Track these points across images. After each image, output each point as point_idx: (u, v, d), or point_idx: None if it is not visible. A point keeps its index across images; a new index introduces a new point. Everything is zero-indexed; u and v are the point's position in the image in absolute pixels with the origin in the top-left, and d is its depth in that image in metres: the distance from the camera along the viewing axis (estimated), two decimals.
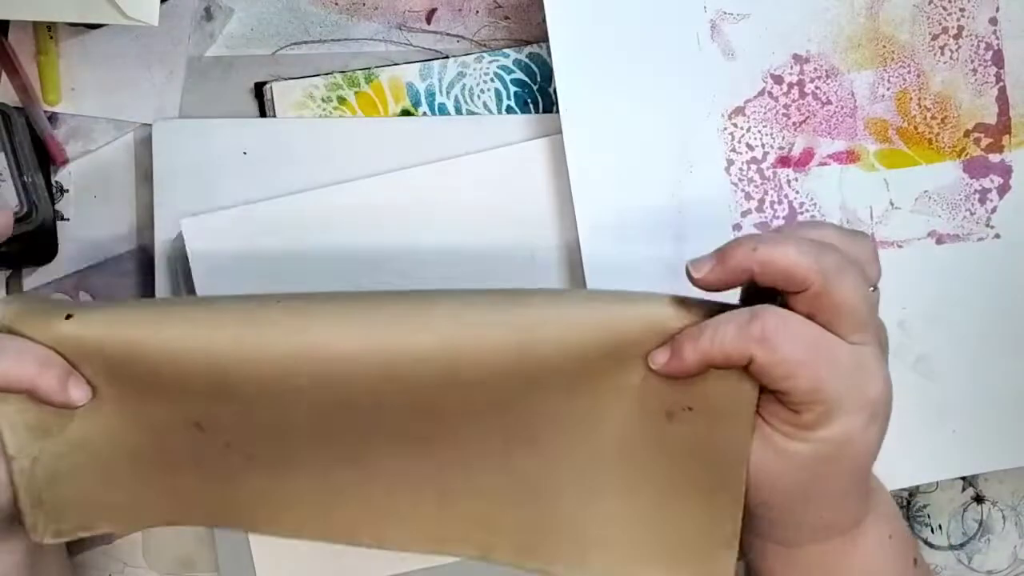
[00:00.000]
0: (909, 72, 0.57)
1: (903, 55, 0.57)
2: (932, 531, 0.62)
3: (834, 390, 0.40)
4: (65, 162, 0.60)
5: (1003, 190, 0.58)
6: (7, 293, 0.60)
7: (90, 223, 0.60)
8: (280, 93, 0.59)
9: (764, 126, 0.57)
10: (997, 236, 0.58)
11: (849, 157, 0.57)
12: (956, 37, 0.57)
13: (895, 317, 0.57)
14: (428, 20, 0.61)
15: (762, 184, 0.57)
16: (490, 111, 0.60)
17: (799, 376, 0.39)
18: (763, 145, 0.57)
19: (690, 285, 0.42)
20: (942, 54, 0.57)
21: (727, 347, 0.40)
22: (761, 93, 0.57)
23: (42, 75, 0.59)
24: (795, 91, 0.57)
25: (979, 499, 0.62)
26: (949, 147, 0.57)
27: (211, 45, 0.60)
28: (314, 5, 0.61)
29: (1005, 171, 0.58)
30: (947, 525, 0.62)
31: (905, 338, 0.57)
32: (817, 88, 0.57)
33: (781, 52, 0.57)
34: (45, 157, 0.59)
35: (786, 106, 0.57)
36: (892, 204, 0.57)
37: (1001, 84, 0.58)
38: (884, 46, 0.57)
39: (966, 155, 0.57)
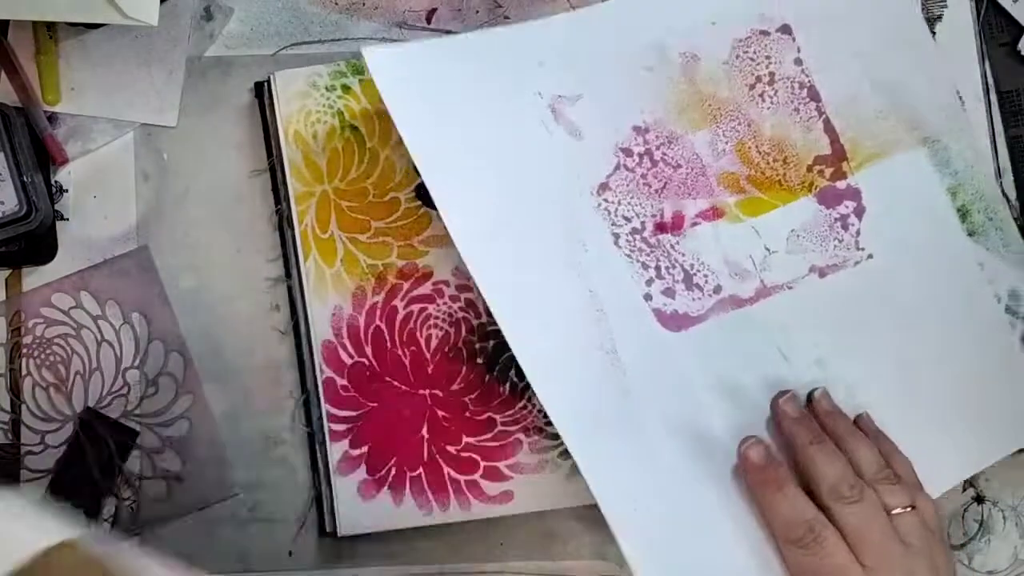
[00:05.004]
0: (740, 124, 0.59)
1: (729, 109, 0.59)
2: None
3: None
4: (65, 162, 0.60)
5: (859, 212, 0.59)
6: (7, 293, 0.60)
7: (90, 223, 0.60)
8: (283, 83, 0.59)
9: (632, 197, 0.57)
10: (870, 257, 0.59)
11: (715, 213, 0.58)
12: (771, 83, 0.59)
13: (812, 356, 0.57)
14: (428, 19, 0.61)
15: (652, 252, 0.57)
16: None
17: None
18: (637, 215, 0.57)
19: None
20: (763, 100, 0.59)
21: None
22: (618, 167, 0.58)
23: (42, 75, 0.59)
24: (647, 160, 0.58)
25: (979, 499, 0.62)
26: (798, 184, 0.59)
27: (211, 45, 0.60)
28: (314, 5, 0.61)
29: (855, 194, 0.59)
30: (947, 525, 0.62)
31: (828, 374, 0.57)
32: (665, 154, 0.58)
33: (622, 126, 0.58)
34: (45, 157, 0.59)
35: (643, 175, 0.58)
36: (768, 249, 0.58)
37: (824, 116, 0.60)
38: (710, 105, 0.59)
39: (816, 188, 0.59)
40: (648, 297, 0.57)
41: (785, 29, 0.60)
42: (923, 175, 0.60)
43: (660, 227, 0.57)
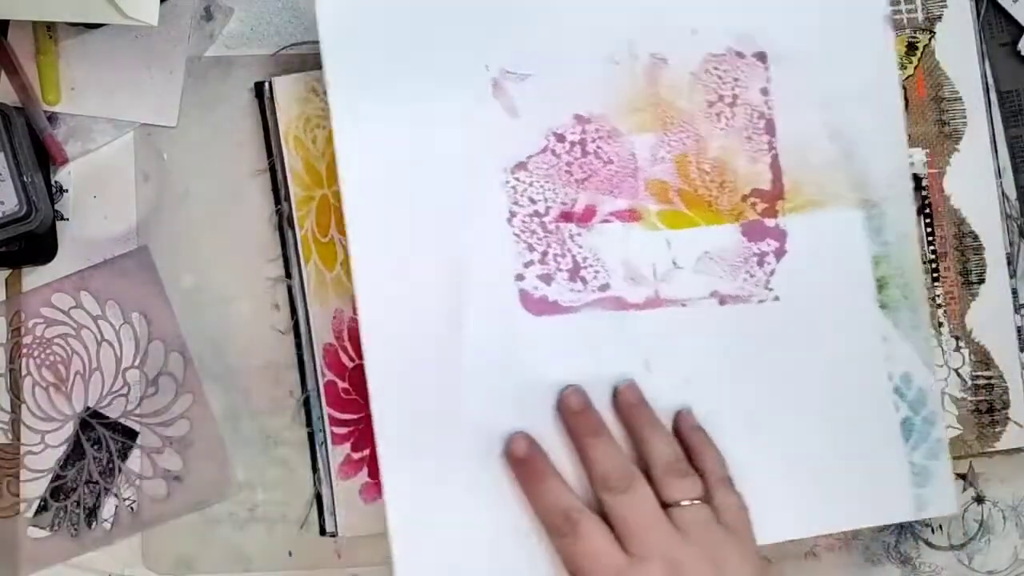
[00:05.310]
0: (688, 137, 0.58)
1: (682, 120, 0.58)
2: (932, 531, 0.62)
3: None
4: (65, 162, 0.60)
5: (779, 253, 0.59)
6: (7, 293, 0.60)
7: (90, 223, 0.60)
8: (282, 89, 0.59)
9: (547, 181, 0.57)
10: (776, 299, 0.58)
11: (631, 216, 0.58)
12: (731, 105, 0.59)
13: (682, 375, 0.57)
14: None
15: (545, 237, 0.57)
16: None
17: None
18: (546, 200, 0.57)
19: None
20: (718, 120, 0.59)
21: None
22: (544, 150, 0.57)
23: (42, 75, 0.59)
24: (577, 149, 0.57)
25: (979, 499, 0.63)
26: (728, 210, 0.58)
27: (211, 45, 0.60)
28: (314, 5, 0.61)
29: (780, 235, 0.59)
30: (947, 525, 0.63)
31: (691, 397, 0.57)
32: (599, 148, 0.58)
33: (563, 112, 0.57)
34: (45, 157, 0.59)
35: (568, 163, 0.57)
36: (675, 263, 0.58)
37: (774, 152, 0.59)
38: (664, 111, 0.58)
39: (744, 219, 0.59)
40: (520, 277, 0.56)
41: (761, 56, 0.59)
42: (853, 235, 0.59)
43: (566, 216, 0.57)
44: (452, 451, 0.54)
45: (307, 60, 0.60)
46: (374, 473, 0.58)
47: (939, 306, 0.62)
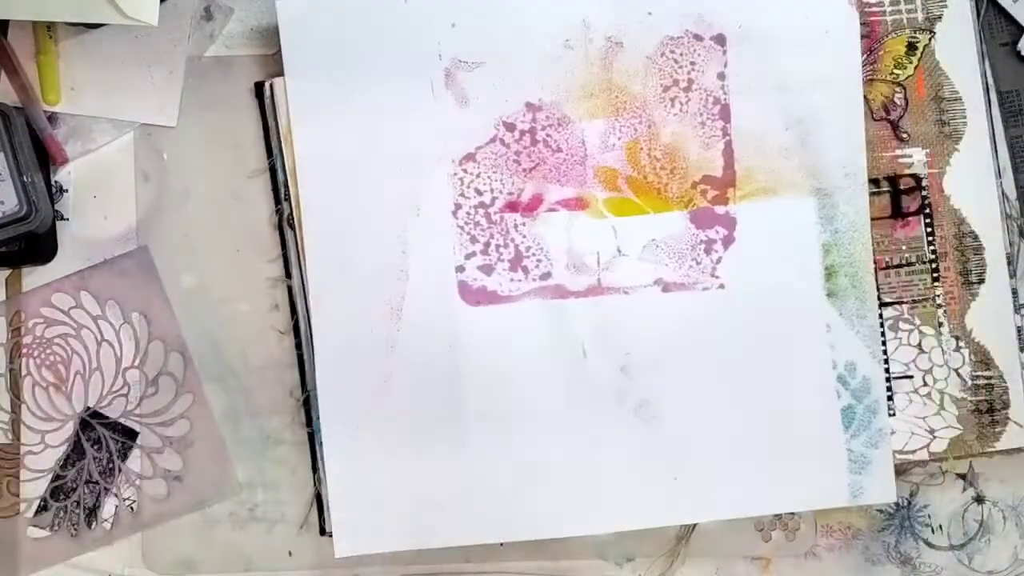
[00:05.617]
0: (640, 122, 0.58)
1: (635, 105, 0.58)
2: (932, 531, 0.62)
3: None
4: (65, 162, 0.60)
5: (728, 241, 0.59)
6: (7, 293, 0.60)
7: (90, 223, 0.60)
8: (282, 88, 0.59)
9: (494, 172, 0.58)
10: (722, 287, 0.59)
11: (578, 204, 0.58)
12: (686, 90, 0.59)
13: (619, 362, 0.58)
14: None
15: (488, 228, 0.58)
16: None
17: None
18: (492, 190, 0.58)
19: None
20: (672, 106, 0.59)
21: None
22: (493, 140, 0.58)
23: (42, 75, 0.59)
24: (527, 138, 0.58)
25: (979, 499, 0.62)
26: (677, 197, 0.59)
27: (211, 45, 0.60)
28: None
29: (730, 223, 0.59)
30: (947, 525, 0.62)
31: (628, 383, 0.58)
32: (548, 136, 0.58)
33: (514, 100, 0.58)
34: (45, 157, 0.59)
35: (517, 153, 0.58)
36: (620, 251, 0.58)
37: (727, 138, 0.59)
38: (617, 96, 0.58)
39: (693, 206, 0.59)
40: (460, 269, 0.58)
41: (720, 39, 0.58)
42: (804, 223, 0.59)
43: (512, 206, 0.58)
44: (386, 432, 0.57)
45: None
46: None
47: (939, 306, 0.62)
